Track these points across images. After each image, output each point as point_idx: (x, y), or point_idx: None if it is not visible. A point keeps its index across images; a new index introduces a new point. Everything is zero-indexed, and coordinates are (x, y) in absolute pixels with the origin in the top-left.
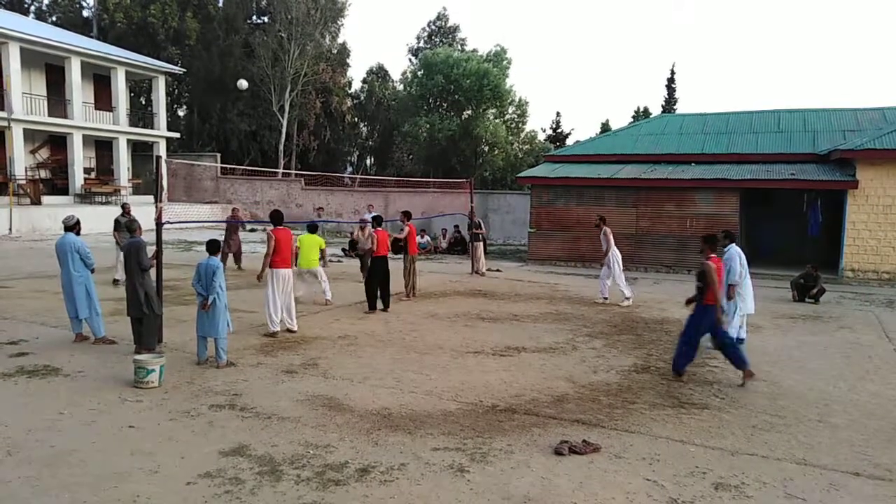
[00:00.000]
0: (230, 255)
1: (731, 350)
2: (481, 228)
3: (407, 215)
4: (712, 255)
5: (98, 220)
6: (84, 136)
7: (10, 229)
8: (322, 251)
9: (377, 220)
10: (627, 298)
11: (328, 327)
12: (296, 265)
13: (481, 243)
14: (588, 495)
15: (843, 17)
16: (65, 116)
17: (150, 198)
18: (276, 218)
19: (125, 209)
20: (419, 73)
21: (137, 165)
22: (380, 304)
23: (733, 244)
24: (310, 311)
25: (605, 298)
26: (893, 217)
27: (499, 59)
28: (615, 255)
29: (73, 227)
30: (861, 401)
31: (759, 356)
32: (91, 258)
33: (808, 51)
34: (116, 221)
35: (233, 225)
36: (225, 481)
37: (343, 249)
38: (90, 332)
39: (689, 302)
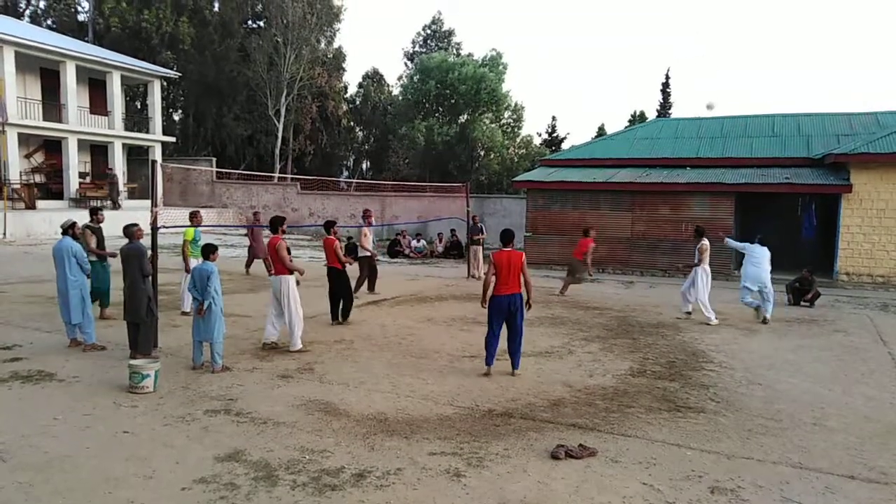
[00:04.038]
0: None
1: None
2: (482, 233)
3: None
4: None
5: None
6: (79, 140)
7: (5, 234)
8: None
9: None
10: (710, 319)
11: (324, 332)
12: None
13: (480, 248)
14: (584, 499)
15: (837, 24)
16: (60, 121)
17: (146, 202)
18: (271, 224)
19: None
20: (415, 77)
21: (133, 170)
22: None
23: (757, 244)
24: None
25: (688, 313)
26: (887, 221)
27: (495, 63)
28: (705, 269)
29: (66, 229)
30: (856, 404)
31: (754, 359)
32: (87, 263)
33: (802, 56)
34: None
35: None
36: (220, 487)
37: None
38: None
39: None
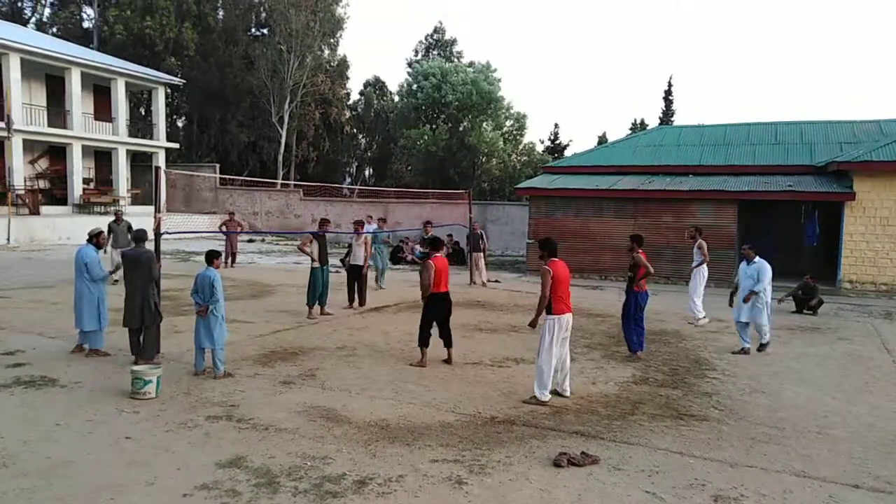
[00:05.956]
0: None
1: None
2: (484, 241)
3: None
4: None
5: None
6: (83, 146)
7: (9, 239)
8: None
9: (434, 244)
10: (698, 319)
11: (327, 338)
12: None
13: (482, 255)
14: None
15: (840, 32)
16: (64, 127)
17: (150, 208)
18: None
19: (118, 216)
20: (413, 85)
21: (137, 176)
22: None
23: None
24: (308, 321)
25: (703, 318)
26: (891, 229)
27: (486, 72)
28: (703, 270)
29: (92, 237)
30: (860, 413)
31: (757, 367)
32: (94, 271)
33: (805, 64)
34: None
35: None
36: (221, 493)
37: (340, 261)
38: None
39: None
